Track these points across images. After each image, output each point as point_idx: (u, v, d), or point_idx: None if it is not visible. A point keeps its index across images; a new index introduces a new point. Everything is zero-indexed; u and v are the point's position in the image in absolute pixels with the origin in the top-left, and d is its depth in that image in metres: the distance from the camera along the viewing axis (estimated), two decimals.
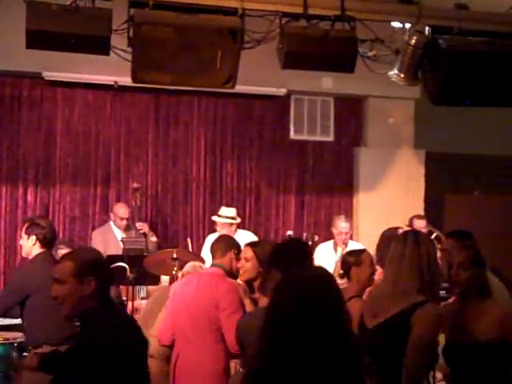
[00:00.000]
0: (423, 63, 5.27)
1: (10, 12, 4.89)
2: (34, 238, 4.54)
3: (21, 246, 7.15)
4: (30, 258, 4.63)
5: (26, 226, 4.68)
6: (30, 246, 4.57)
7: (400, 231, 4.38)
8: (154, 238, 6.78)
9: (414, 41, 5.15)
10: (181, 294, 4.17)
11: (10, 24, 6.04)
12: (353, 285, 4.00)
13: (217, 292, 3.96)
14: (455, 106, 5.61)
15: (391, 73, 5.32)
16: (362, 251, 4.23)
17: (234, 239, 4.43)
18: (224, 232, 6.27)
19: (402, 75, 5.28)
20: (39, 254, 4.55)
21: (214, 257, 4.21)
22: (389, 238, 4.48)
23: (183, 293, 4.15)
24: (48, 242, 4.59)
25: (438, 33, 5.23)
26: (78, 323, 2.73)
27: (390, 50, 5.28)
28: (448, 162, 8.56)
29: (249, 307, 3.92)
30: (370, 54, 5.25)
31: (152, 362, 4.60)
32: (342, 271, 4.08)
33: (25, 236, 4.60)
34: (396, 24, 5.26)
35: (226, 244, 4.22)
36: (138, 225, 6.68)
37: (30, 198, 7.30)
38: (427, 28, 5.21)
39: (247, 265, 3.97)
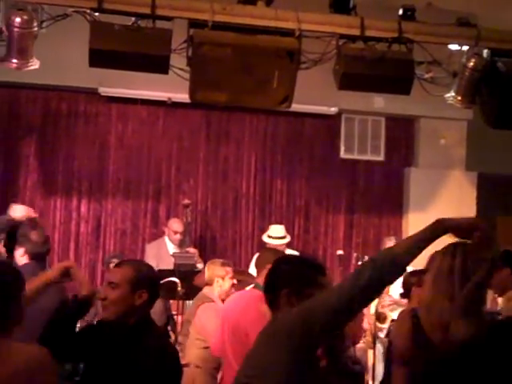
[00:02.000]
0: (481, 86, 5.21)
1: (68, 30, 5.00)
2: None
3: (74, 257, 7.37)
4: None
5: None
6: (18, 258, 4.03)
7: None
8: (200, 265, 6.79)
9: (472, 63, 5.11)
10: (225, 314, 4.11)
11: (68, 41, 6.21)
12: (413, 305, 3.92)
13: (248, 320, 3.79)
14: None
15: (448, 95, 5.28)
16: (425, 271, 4.14)
17: (276, 253, 4.25)
18: None
19: (459, 98, 5.24)
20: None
21: (257, 273, 4.16)
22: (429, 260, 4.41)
23: (227, 314, 4.08)
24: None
25: (496, 55, 5.18)
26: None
27: (446, 73, 5.24)
28: (500, 184, 8.42)
29: None
30: (426, 76, 5.23)
31: (196, 371, 4.68)
32: (402, 291, 4.01)
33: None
34: (454, 46, 5.22)
35: (265, 259, 3.99)
36: (188, 250, 6.70)
37: (83, 210, 7.44)
38: (485, 51, 5.17)
39: None
